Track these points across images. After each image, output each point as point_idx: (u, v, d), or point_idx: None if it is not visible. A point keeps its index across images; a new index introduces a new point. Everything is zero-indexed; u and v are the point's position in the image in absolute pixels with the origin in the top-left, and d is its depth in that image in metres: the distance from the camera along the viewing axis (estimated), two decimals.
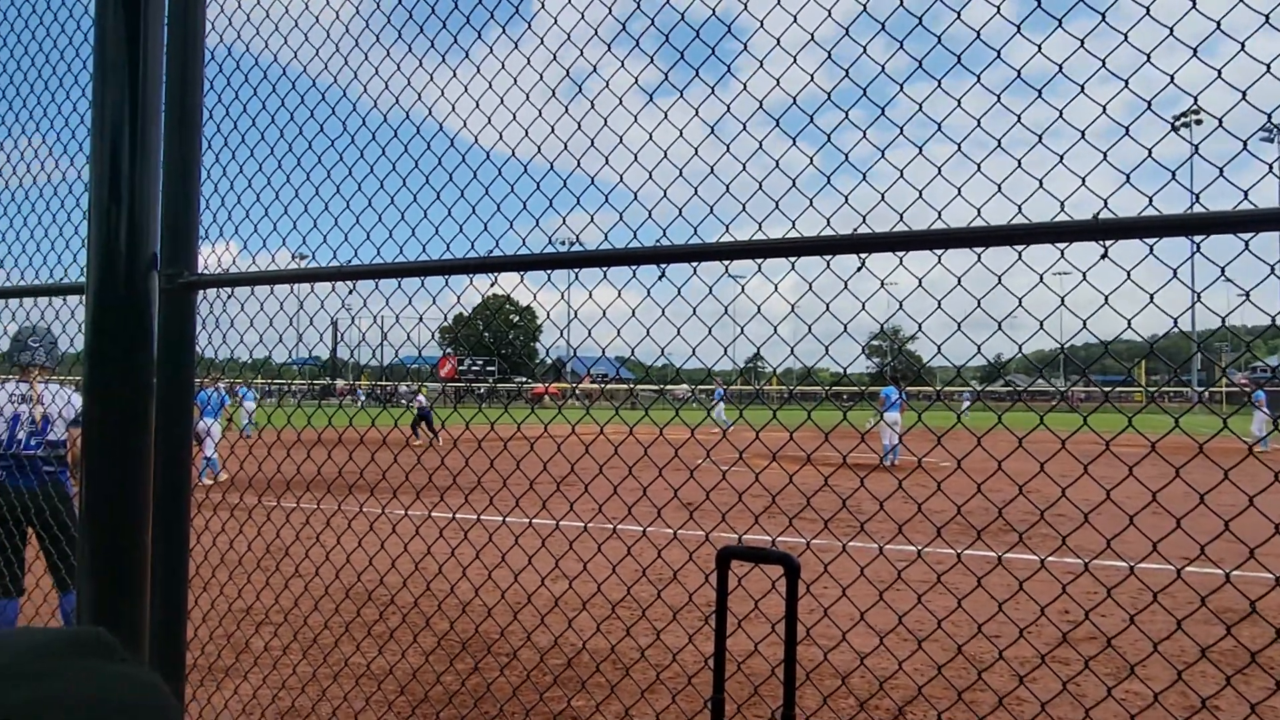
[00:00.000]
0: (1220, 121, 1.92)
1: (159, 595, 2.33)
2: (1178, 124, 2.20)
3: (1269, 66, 1.79)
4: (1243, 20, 1.84)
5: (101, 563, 2.07)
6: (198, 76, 2.62)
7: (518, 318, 74.98)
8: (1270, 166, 1.89)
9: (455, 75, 2.87)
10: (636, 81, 2.62)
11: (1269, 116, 1.85)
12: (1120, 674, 4.12)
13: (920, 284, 2.25)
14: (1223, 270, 1.94)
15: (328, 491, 3.04)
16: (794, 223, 2.30)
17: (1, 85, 3.68)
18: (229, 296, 3.15)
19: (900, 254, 2.19)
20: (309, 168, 3.13)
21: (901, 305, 2.44)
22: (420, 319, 3.16)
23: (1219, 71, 1.92)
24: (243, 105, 3.28)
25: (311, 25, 3.04)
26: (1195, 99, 1.93)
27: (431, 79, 2.90)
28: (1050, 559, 2.18)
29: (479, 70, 2.86)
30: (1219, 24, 1.88)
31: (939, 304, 2.27)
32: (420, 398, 21.54)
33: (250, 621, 4.72)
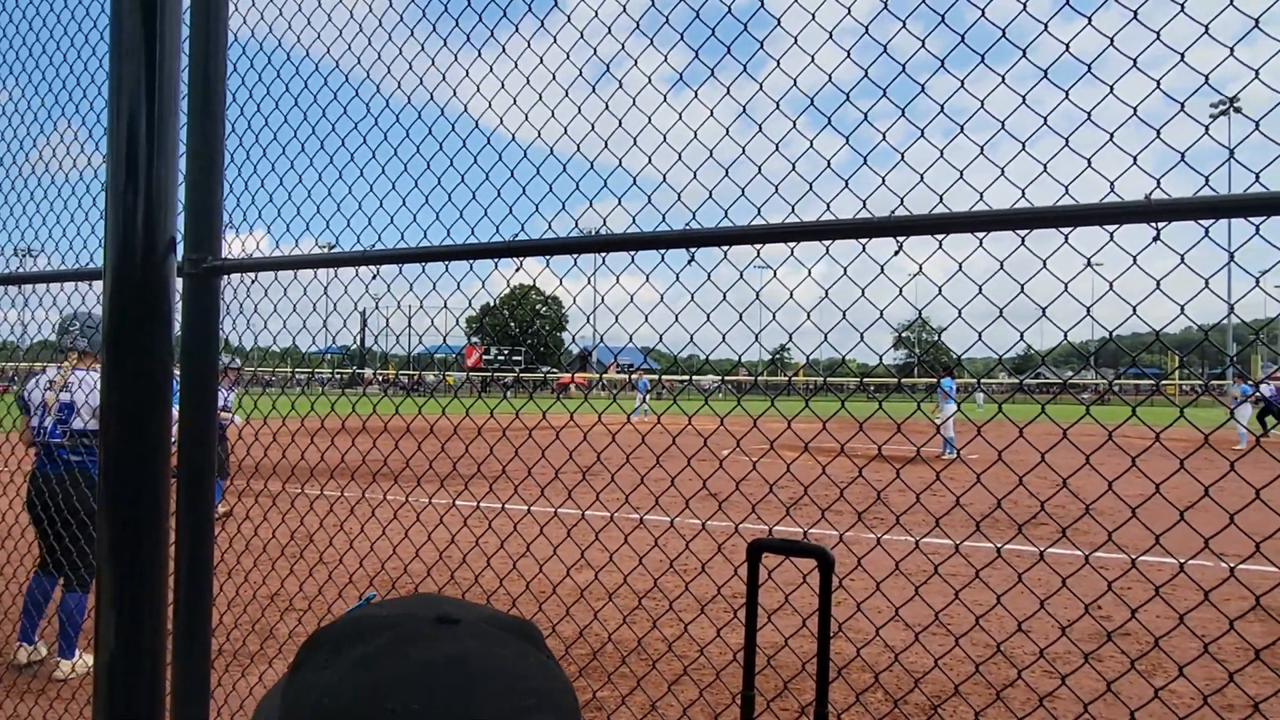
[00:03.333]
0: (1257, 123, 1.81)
1: (183, 581, 2.31)
2: (1216, 112, 2.09)
3: None
4: None
5: (121, 547, 2.03)
6: (220, 59, 2.57)
7: (544, 307, 74.86)
8: None
9: (480, 55, 2.81)
10: (646, 75, 2.54)
11: None
12: (1169, 674, 4.00)
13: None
14: None
15: (351, 479, 3.00)
16: (828, 205, 2.22)
17: (31, 73, 3.67)
18: (253, 281, 3.12)
19: (940, 236, 2.11)
20: (333, 151, 3.09)
21: (940, 290, 2.35)
22: (444, 305, 3.11)
23: (1256, 72, 1.81)
24: (266, 88, 3.24)
25: (335, 5, 2.99)
26: (1231, 99, 1.83)
27: (455, 59, 2.85)
28: (1096, 554, 2.09)
29: (504, 50, 2.80)
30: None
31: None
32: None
33: (275, 608, 4.72)
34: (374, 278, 3.08)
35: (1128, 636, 4.83)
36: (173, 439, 2.14)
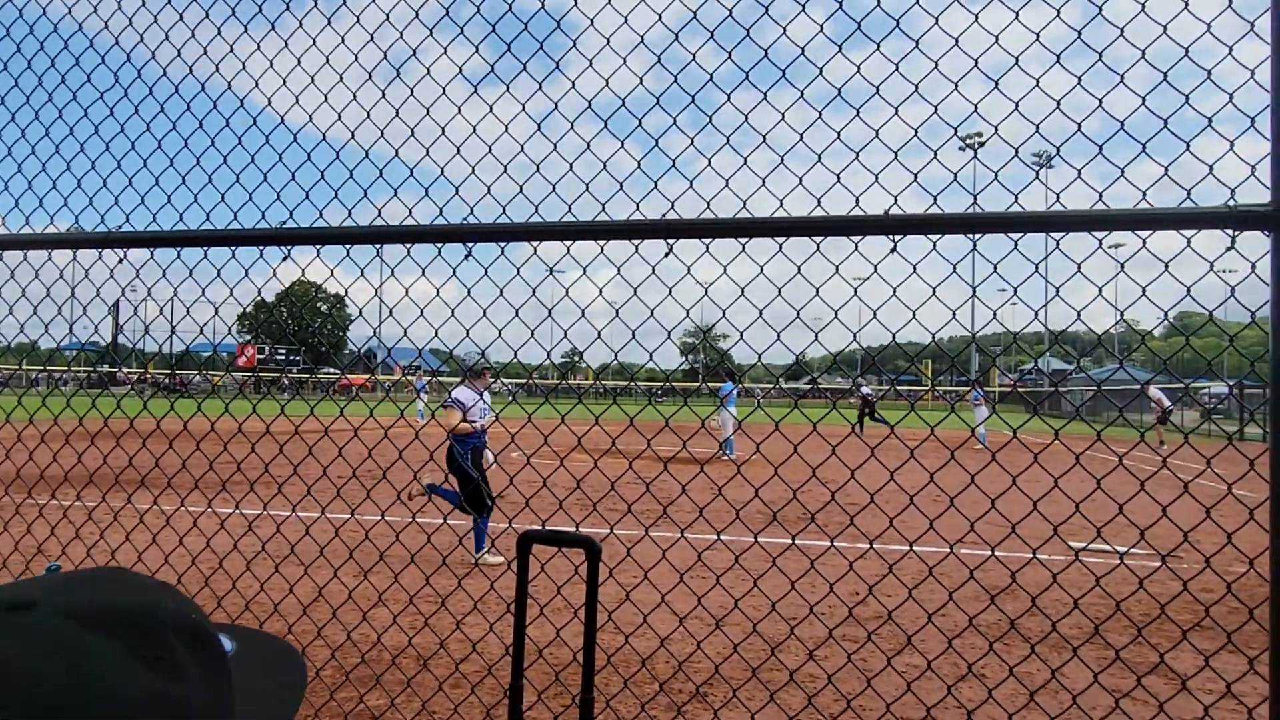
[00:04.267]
0: (973, 148, 2.07)
1: None
2: (963, 144, 2.36)
3: (1018, 104, 1.94)
4: (1024, 54, 2.00)
5: None
6: None
7: (325, 305, 71.27)
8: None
9: (246, 30, 2.66)
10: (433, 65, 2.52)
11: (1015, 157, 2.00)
12: (899, 644, 4.40)
13: (725, 272, 2.29)
14: (995, 266, 2.10)
15: (89, 482, 2.74)
16: (604, 206, 2.28)
17: None
18: None
19: (707, 241, 2.23)
20: (73, 122, 2.81)
21: (706, 291, 2.48)
22: (202, 294, 2.90)
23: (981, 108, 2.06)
24: None
25: None
26: (955, 128, 2.07)
27: (219, 32, 2.67)
28: (841, 543, 2.28)
29: (273, 27, 2.67)
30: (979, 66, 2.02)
31: (743, 285, 2.31)
32: None
33: None
34: (120, 262, 2.82)
35: (879, 619, 5.27)
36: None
